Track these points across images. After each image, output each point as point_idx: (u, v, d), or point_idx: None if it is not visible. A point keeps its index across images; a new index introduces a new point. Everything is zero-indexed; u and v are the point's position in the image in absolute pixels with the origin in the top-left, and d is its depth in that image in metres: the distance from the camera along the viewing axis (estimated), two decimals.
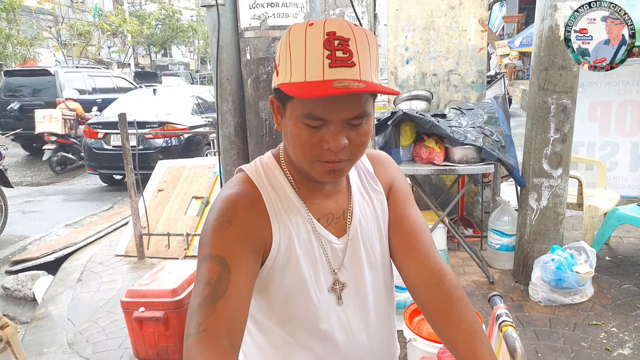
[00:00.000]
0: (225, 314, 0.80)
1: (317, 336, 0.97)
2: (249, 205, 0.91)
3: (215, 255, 0.85)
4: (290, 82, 0.82)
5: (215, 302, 0.81)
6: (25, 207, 6.98)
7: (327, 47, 0.79)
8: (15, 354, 1.28)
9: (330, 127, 0.83)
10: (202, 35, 31.50)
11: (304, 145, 0.86)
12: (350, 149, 0.86)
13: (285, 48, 0.83)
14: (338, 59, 0.79)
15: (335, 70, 0.79)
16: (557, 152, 3.37)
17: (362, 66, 0.81)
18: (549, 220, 3.46)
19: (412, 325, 2.16)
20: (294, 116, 0.85)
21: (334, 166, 0.87)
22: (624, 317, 3.09)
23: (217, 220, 0.88)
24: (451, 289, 0.95)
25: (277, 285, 0.93)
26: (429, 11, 4.39)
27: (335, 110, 0.82)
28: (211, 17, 2.18)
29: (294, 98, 0.83)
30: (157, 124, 7.22)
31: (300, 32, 0.82)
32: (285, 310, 0.95)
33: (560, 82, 3.27)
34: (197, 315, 0.80)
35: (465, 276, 3.75)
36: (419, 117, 3.45)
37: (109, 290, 3.92)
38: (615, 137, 4.70)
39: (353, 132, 0.85)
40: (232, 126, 2.30)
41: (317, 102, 0.81)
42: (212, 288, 0.82)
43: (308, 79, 0.80)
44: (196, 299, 0.82)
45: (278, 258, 0.92)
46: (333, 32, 0.80)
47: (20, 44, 18.26)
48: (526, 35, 13.42)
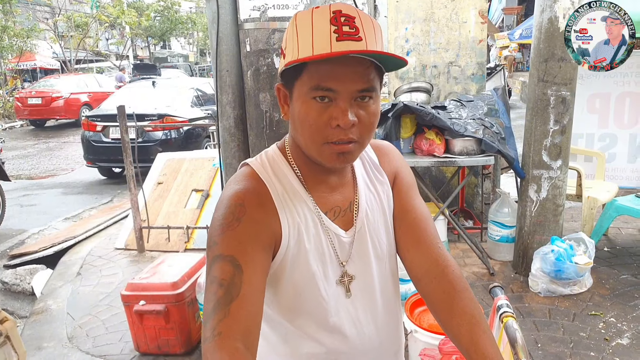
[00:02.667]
0: (239, 316, 0.80)
1: (326, 329, 0.97)
2: (257, 201, 0.90)
3: (226, 256, 0.84)
4: (298, 58, 0.83)
5: (228, 304, 0.80)
6: (23, 201, 6.96)
7: (334, 23, 0.81)
8: (15, 348, 1.28)
9: (338, 102, 0.83)
10: (201, 27, 31.34)
11: (313, 125, 0.85)
12: (359, 128, 0.86)
13: (292, 31, 0.84)
14: (345, 32, 0.80)
15: (342, 43, 0.80)
16: (556, 144, 3.37)
17: (369, 41, 0.82)
18: (549, 211, 3.47)
19: (414, 317, 2.17)
20: (302, 94, 0.85)
21: (343, 148, 0.86)
22: (622, 307, 3.11)
23: (226, 219, 0.87)
24: (455, 280, 0.95)
25: (286, 279, 0.93)
26: (429, 3, 4.37)
27: (344, 81, 0.82)
28: (210, 9, 2.16)
29: (302, 75, 0.84)
30: (157, 117, 7.18)
31: (307, 15, 0.83)
32: (294, 304, 0.95)
33: (559, 73, 3.26)
34: (211, 319, 0.80)
35: (465, 267, 3.76)
36: (419, 109, 3.44)
37: (109, 284, 3.92)
38: (614, 129, 4.70)
39: (362, 111, 0.85)
40: (232, 118, 2.29)
41: (325, 73, 0.82)
42: (225, 290, 0.81)
43: (316, 52, 0.81)
44: (210, 302, 0.81)
45: (288, 252, 0.92)
46: (339, 11, 0.82)
47: (17, 35, 18.14)
48: (526, 27, 13.38)
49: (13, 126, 15.47)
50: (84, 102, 14.83)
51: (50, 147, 11.75)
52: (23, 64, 20.76)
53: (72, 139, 12.40)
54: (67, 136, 13.23)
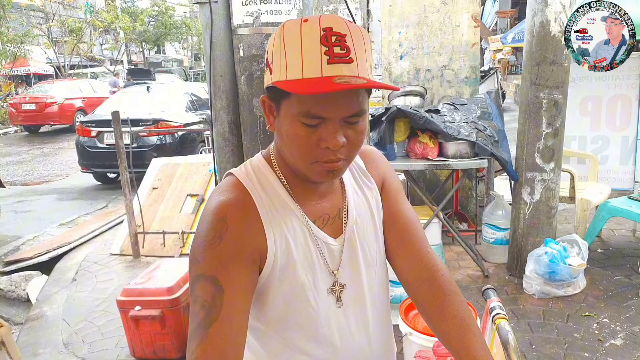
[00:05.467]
0: (217, 340, 0.78)
1: (316, 341, 0.95)
2: (241, 214, 0.87)
3: (208, 276, 0.82)
4: (287, 80, 0.79)
5: (208, 327, 0.79)
6: (18, 207, 6.93)
7: (325, 43, 0.77)
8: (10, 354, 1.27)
9: (328, 125, 0.81)
10: (195, 31, 31.33)
11: (302, 146, 0.83)
12: (347, 147, 0.84)
13: (280, 45, 0.80)
14: (336, 55, 0.77)
15: (333, 67, 0.77)
16: (549, 147, 3.40)
17: (360, 62, 0.79)
18: (542, 213, 3.49)
19: (408, 320, 2.18)
20: (290, 115, 0.82)
21: (332, 166, 0.85)
22: (615, 308, 3.13)
23: (207, 237, 0.84)
24: (444, 283, 0.96)
25: (275, 291, 0.91)
26: (422, 7, 4.40)
27: (334, 108, 0.80)
28: (204, 14, 2.18)
29: (289, 96, 0.81)
30: (151, 122, 7.18)
31: (295, 28, 0.79)
32: (283, 316, 0.93)
33: (551, 77, 3.29)
34: (191, 342, 0.79)
35: (460, 270, 3.78)
36: (412, 112, 3.47)
37: (105, 290, 3.91)
38: (606, 131, 4.73)
39: (350, 130, 0.83)
40: (226, 123, 2.30)
41: (315, 100, 0.79)
42: (206, 312, 0.80)
43: (306, 75, 0.77)
44: (193, 323, 0.81)
45: (275, 265, 0.89)
46: (330, 28, 0.78)
47: (11, 41, 18.10)
48: (518, 31, 13.46)
49: (7, 132, 15.41)
50: (78, 108, 14.79)
51: (44, 152, 11.70)
52: (17, 69, 20.68)
53: (67, 145, 12.35)
54: (61, 142, 13.18)
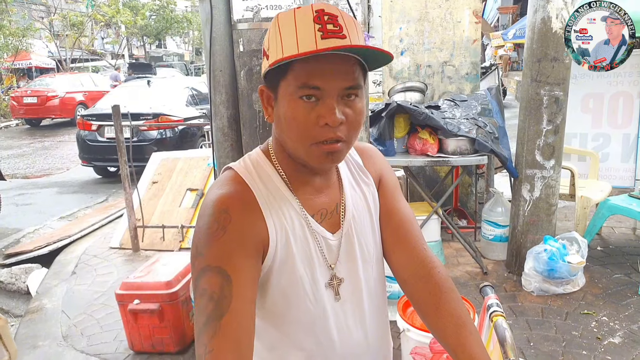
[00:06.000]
0: (230, 330, 0.78)
1: (314, 335, 0.95)
2: (242, 206, 0.87)
3: (214, 267, 0.82)
4: (283, 57, 0.82)
5: (219, 318, 0.78)
6: (18, 200, 6.95)
7: (318, 22, 0.81)
8: (6, 347, 1.27)
9: (325, 100, 0.83)
10: (196, 26, 31.24)
11: (300, 125, 0.84)
12: (346, 126, 0.85)
13: (275, 32, 0.84)
14: (329, 31, 0.81)
15: (327, 41, 0.80)
16: (549, 144, 3.39)
17: (352, 38, 0.82)
18: (542, 211, 3.49)
19: (406, 316, 2.18)
20: (288, 94, 0.84)
21: (332, 147, 0.85)
22: (614, 306, 3.13)
23: (211, 228, 0.84)
24: (440, 281, 0.96)
25: (274, 284, 0.91)
26: (423, 3, 4.38)
27: (330, 79, 0.82)
28: (204, 9, 2.17)
29: (287, 76, 0.83)
30: (151, 116, 7.18)
31: (289, 15, 0.83)
32: (281, 310, 0.93)
33: (552, 74, 3.28)
34: (203, 335, 0.78)
35: (459, 267, 3.78)
36: (412, 108, 3.46)
37: (104, 283, 3.92)
38: (607, 129, 4.72)
39: (348, 109, 0.85)
40: (226, 118, 2.29)
41: (311, 72, 0.81)
42: (215, 303, 0.79)
43: (301, 50, 0.80)
44: (201, 317, 0.80)
45: (276, 257, 0.90)
46: (322, 10, 0.82)
47: (12, 34, 18.08)
48: (519, 27, 13.40)
49: (8, 125, 15.42)
50: (80, 101, 14.80)
51: (45, 146, 11.71)
52: (18, 62, 20.68)
53: (68, 138, 12.37)
54: (62, 135, 13.19)
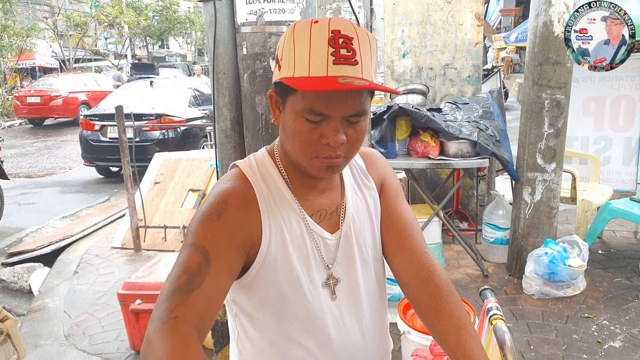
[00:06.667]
0: (197, 306, 0.80)
1: (312, 332, 0.97)
2: (241, 201, 0.92)
3: (198, 246, 0.85)
4: (294, 77, 0.83)
5: (189, 292, 0.81)
6: (21, 199, 6.97)
7: (332, 45, 0.81)
8: (16, 346, 1.29)
9: (330, 122, 0.85)
10: (199, 27, 31.31)
11: (304, 141, 0.87)
12: (347, 145, 0.88)
13: (290, 43, 0.85)
14: (342, 56, 0.81)
15: (339, 67, 0.81)
16: (551, 147, 3.40)
17: (364, 65, 0.83)
18: (543, 214, 3.49)
19: (406, 318, 2.19)
20: (294, 111, 0.86)
21: (331, 162, 0.89)
22: (615, 310, 3.13)
23: (206, 212, 0.89)
24: (441, 284, 0.97)
25: (270, 282, 0.94)
26: (425, 5, 4.40)
27: (336, 106, 0.84)
28: (208, 12, 2.18)
29: (295, 92, 0.85)
30: (154, 116, 7.20)
31: (305, 28, 0.84)
32: (279, 307, 0.96)
33: (554, 77, 3.29)
34: (169, 301, 0.80)
35: (459, 269, 3.79)
36: (414, 111, 3.47)
37: (106, 283, 3.94)
38: (609, 132, 4.72)
39: (351, 129, 0.87)
40: (229, 120, 2.30)
41: (319, 97, 0.83)
42: (189, 277, 0.82)
43: (312, 74, 0.82)
44: (171, 284, 0.82)
45: (269, 255, 0.92)
46: (338, 31, 0.82)
47: (17, 35, 18.13)
48: (521, 31, 13.37)
49: (12, 125, 15.46)
50: (82, 101, 14.83)
51: (48, 145, 11.75)
52: (22, 62, 20.75)
53: (70, 138, 12.40)
54: (65, 135, 13.23)
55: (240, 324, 1.01)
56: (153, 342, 0.76)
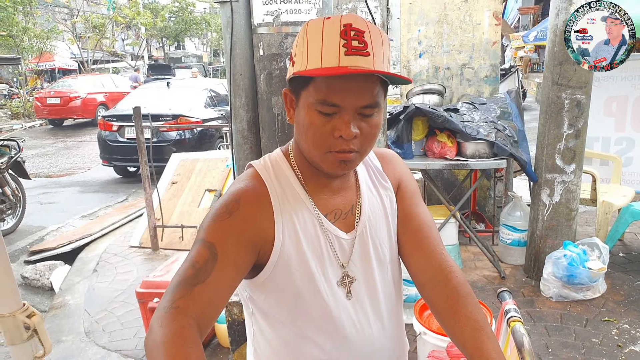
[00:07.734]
0: (200, 299, 0.82)
1: (327, 331, 0.97)
2: (254, 201, 0.93)
3: (207, 241, 0.87)
4: (307, 69, 0.85)
5: (194, 285, 0.83)
6: (42, 199, 7.10)
7: (344, 37, 0.83)
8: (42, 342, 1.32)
9: (342, 115, 0.86)
10: (215, 27, 31.57)
11: (316, 134, 0.88)
12: (360, 139, 0.88)
13: (303, 40, 0.87)
14: (354, 47, 0.83)
15: (350, 58, 0.82)
16: (570, 148, 3.35)
17: (376, 56, 0.84)
18: (562, 215, 3.44)
19: (422, 319, 2.18)
20: (307, 104, 0.87)
21: (345, 156, 0.89)
22: (636, 314, 3.07)
23: (219, 210, 0.91)
24: (458, 285, 0.96)
25: (285, 280, 0.94)
26: (442, 4, 4.37)
27: (348, 96, 0.84)
28: (225, 13, 2.20)
29: (308, 86, 0.86)
30: (171, 117, 7.28)
31: (318, 24, 0.85)
32: (295, 306, 0.96)
33: (574, 77, 3.24)
34: (173, 292, 0.82)
35: (476, 271, 3.75)
36: (431, 111, 3.45)
37: (124, 281, 4.00)
38: (631, 132, 4.63)
39: (364, 123, 0.88)
40: (245, 121, 2.32)
41: (331, 88, 0.84)
42: (195, 272, 0.84)
43: (324, 65, 0.83)
44: (178, 277, 0.84)
45: (282, 255, 0.93)
46: (349, 24, 0.83)
47: (37, 37, 18.51)
48: (541, 30, 13.20)
49: (33, 125, 15.75)
50: (100, 102, 15.05)
51: (67, 146, 11.95)
52: (42, 64, 21.15)
53: (89, 138, 12.60)
54: (84, 135, 13.45)
55: (256, 323, 1.02)
56: (153, 329, 0.79)
